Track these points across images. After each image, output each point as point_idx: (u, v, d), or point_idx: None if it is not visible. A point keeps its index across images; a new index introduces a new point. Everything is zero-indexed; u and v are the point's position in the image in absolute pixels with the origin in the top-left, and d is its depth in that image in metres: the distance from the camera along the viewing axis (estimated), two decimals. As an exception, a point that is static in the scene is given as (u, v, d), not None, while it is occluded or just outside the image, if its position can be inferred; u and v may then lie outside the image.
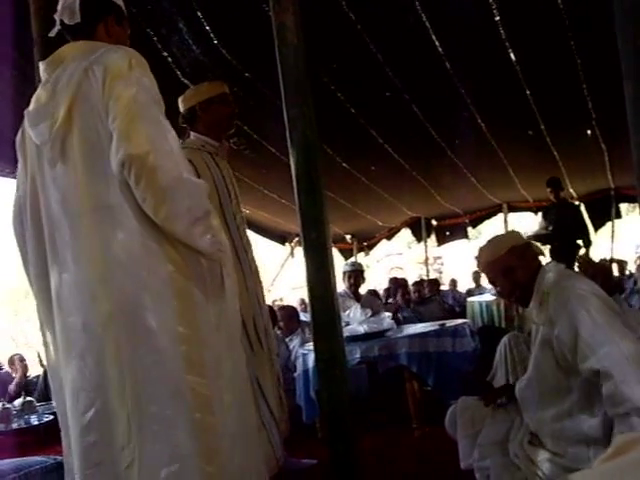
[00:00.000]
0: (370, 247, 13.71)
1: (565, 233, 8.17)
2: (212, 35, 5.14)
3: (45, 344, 2.45)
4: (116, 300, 2.20)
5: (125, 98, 2.19)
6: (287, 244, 12.84)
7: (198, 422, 2.15)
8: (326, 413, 2.82)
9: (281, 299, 14.39)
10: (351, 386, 2.86)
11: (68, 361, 2.28)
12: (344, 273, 6.76)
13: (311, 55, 2.65)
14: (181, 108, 3.70)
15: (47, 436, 5.83)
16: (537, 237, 8.00)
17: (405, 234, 13.59)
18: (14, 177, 2.60)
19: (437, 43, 5.50)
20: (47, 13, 3.57)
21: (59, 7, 2.52)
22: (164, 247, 2.21)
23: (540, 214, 8.82)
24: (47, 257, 2.35)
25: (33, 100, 2.46)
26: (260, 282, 3.69)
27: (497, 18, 5.18)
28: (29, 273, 2.49)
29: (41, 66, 2.49)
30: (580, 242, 8.40)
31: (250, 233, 3.99)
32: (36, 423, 6.16)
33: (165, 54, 5.24)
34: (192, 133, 3.68)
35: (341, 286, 6.16)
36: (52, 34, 2.55)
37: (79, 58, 2.35)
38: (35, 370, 8.37)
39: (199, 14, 4.92)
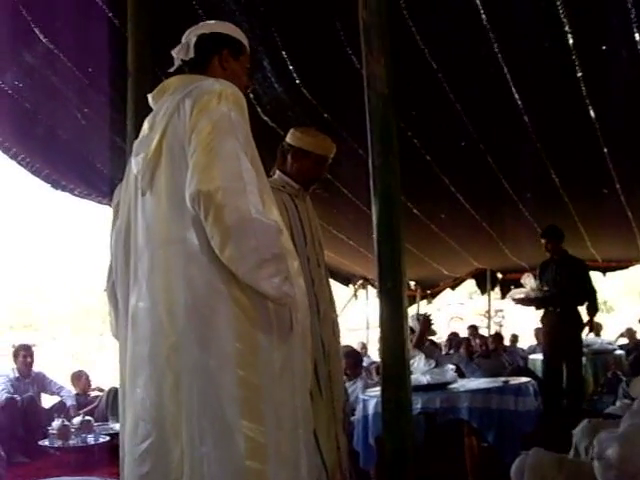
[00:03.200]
0: (433, 295, 13.59)
1: (564, 296, 6.88)
2: (295, 75, 5.23)
3: (121, 364, 2.46)
4: (180, 335, 2.19)
5: (205, 132, 2.20)
6: (351, 285, 12.82)
7: (248, 469, 2.11)
8: (388, 463, 2.80)
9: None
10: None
11: (133, 388, 2.30)
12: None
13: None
14: (287, 138, 3.65)
15: (101, 456, 5.89)
16: (527, 300, 7.17)
17: (469, 284, 13.45)
18: (102, 202, 2.66)
19: (517, 96, 5.49)
20: (145, 47, 3.70)
21: (180, 44, 2.60)
22: (231, 287, 2.18)
23: (527, 275, 7.40)
24: (130, 286, 2.38)
25: (141, 130, 2.50)
26: (329, 327, 3.54)
27: (579, 74, 5.15)
28: (117, 299, 2.52)
29: (149, 97, 2.55)
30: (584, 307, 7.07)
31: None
32: (92, 443, 6.24)
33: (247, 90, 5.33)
34: (277, 171, 3.65)
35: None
36: (171, 70, 2.61)
37: (178, 90, 2.39)
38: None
39: (284, 53, 5.01)
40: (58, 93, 5.46)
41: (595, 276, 11.71)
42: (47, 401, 8.02)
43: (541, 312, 7.26)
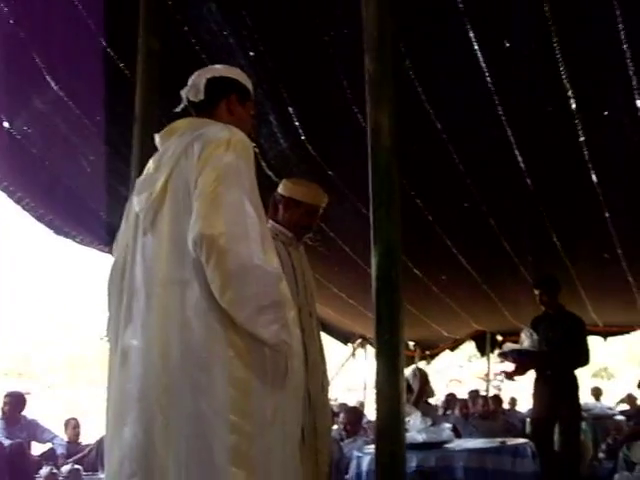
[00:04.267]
0: (432, 356, 13.50)
1: (558, 356, 6.11)
2: (300, 131, 5.28)
3: (108, 401, 2.44)
4: (173, 377, 2.19)
5: (212, 176, 2.22)
6: (350, 344, 12.75)
7: None
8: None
9: (336, 399, 14.23)
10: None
11: (120, 427, 2.27)
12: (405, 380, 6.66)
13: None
14: (279, 188, 3.68)
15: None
16: (513, 355, 6.31)
17: (468, 346, 13.38)
18: (104, 251, 2.67)
19: (520, 158, 5.54)
20: (152, 94, 3.76)
21: (188, 84, 2.63)
22: (228, 331, 2.18)
23: (526, 329, 6.46)
24: (121, 322, 2.38)
25: (145, 169, 2.54)
26: (318, 378, 3.49)
27: (582, 139, 5.20)
28: (109, 335, 2.49)
29: (156, 137, 2.57)
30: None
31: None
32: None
33: (253, 144, 5.37)
34: (270, 221, 3.63)
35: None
36: (177, 109, 2.65)
37: (187, 133, 2.41)
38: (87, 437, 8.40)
39: (290, 110, 5.07)
40: (65, 140, 5.52)
41: (596, 341, 11.67)
42: (38, 449, 7.93)
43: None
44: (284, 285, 2.30)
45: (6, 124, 5.28)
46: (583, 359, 6.24)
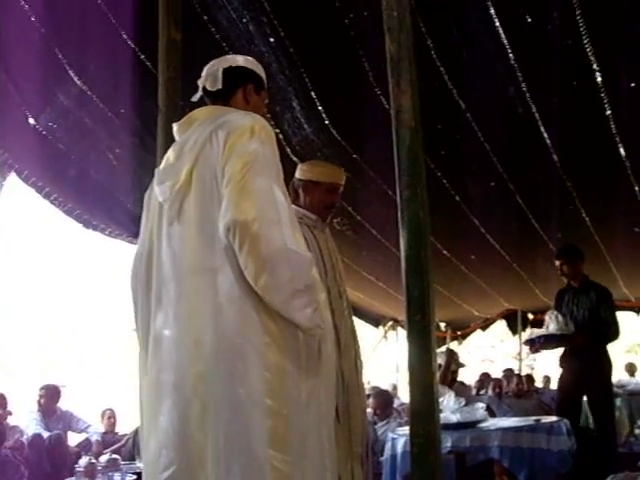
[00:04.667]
0: (464, 337, 13.49)
1: (584, 333, 5.74)
2: (324, 115, 5.27)
3: (141, 392, 2.46)
4: (208, 364, 2.20)
5: (240, 164, 2.23)
6: (381, 327, 12.76)
7: None
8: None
9: (369, 382, 14.26)
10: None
11: (156, 416, 2.30)
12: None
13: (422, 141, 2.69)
14: (296, 173, 3.72)
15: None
16: (539, 342, 5.94)
17: (499, 325, 13.32)
18: (133, 242, 2.68)
19: (545, 135, 5.49)
20: (175, 84, 3.77)
21: (203, 74, 2.66)
22: (262, 316, 2.19)
23: (550, 312, 6.01)
24: (151, 312, 2.39)
25: (164, 159, 2.56)
26: (351, 359, 3.53)
27: (608, 112, 5.14)
28: (137, 326, 2.52)
29: (174, 127, 2.59)
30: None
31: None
32: (118, 481, 6.22)
33: (277, 130, 5.38)
34: (293, 206, 3.68)
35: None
36: (194, 99, 2.67)
37: (208, 122, 2.42)
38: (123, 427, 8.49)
39: (313, 94, 5.06)
40: (91, 134, 5.55)
41: (628, 316, 11.55)
42: (74, 439, 8.05)
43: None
44: (315, 269, 2.33)
45: (32, 121, 5.32)
46: (613, 333, 5.85)
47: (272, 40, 4.55)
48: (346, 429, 3.40)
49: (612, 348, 6.02)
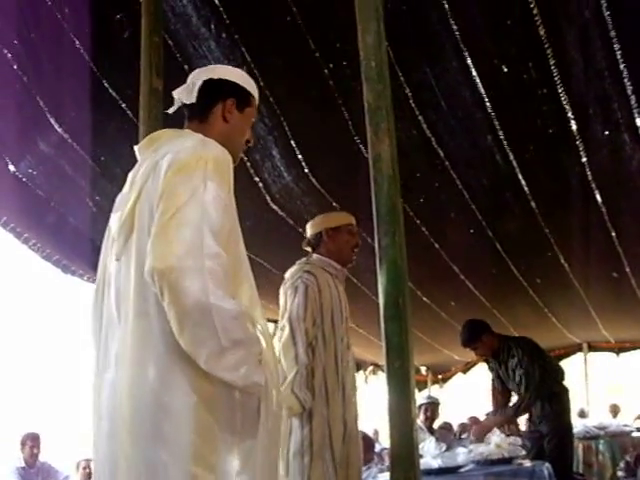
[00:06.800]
0: (445, 380, 13.46)
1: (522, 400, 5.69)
2: (304, 164, 5.30)
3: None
4: (134, 419, 1.99)
5: (169, 204, 2.00)
6: (361, 372, 12.71)
7: None
8: None
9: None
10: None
11: (97, 464, 2.17)
12: (420, 406, 6.63)
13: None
14: (308, 232, 3.86)
15: None
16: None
17: (481, 368, 13.30)
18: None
19: (523, 182, 5.55)
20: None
21: (185, 84, 2.44)
22: (191, 372, 1.97)
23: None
24: (100, 350, 2.21)
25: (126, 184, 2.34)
26: (353, 410, 3.77)
27: (584, 159, 5.22)
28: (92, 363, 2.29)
29: (135, 149, 2.39)
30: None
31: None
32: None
33: (257, 179, 5.41)
34: (315, 255, 3.89)
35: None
36: (170, 111, 2.48)
37: (162, 148, 2.20)
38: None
39: (292, 143, 5.10)
40: (71, 181, 5.55)
41: (609, 357, 11.55)
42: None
43: None
44: (249, 323, 2.08)
45: (12, 167, 5.31)
46: (549, 378, 5.75)
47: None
48: (344, 477, 3.46)
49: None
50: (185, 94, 2.39)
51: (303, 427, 3.59)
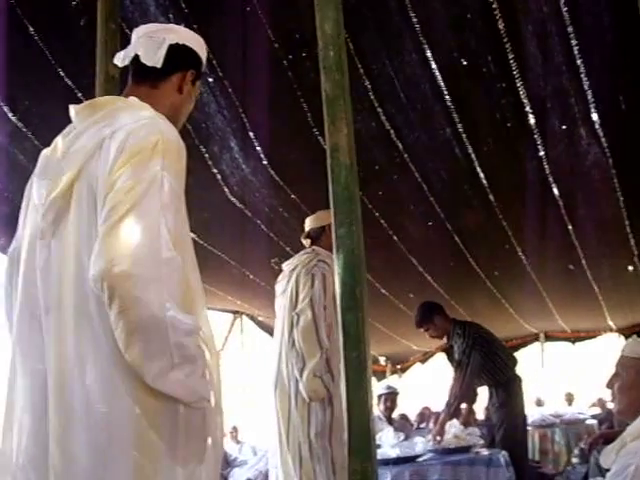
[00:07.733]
0: (403, 370, 13.50)
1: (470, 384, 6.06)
2: (262, 156, 5.28)
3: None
4: (66, 431, 1.79)
5: (124, 196, 1.77)
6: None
7: None
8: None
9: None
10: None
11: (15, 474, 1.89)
12: (379, 396, 6.65)
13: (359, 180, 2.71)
14: (309, 226, 4.02)
15: None
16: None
17: (439, 358, 13.40)
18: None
19: (482, 175, 5.58)
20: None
21: (139, 35, 2.23)
22: (134, 383, 1.78)
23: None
24: (20, 335, 1.97)
25: (53, 142, 2.10)
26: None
27: (541, 153, 5.26)
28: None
29: (71, 110, 2.11)
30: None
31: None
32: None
33: (215, 171, 5.37)
34: (315, 247, 4.25)
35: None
36: (120, 64, 2.26)
37: (107, 118, 1.97)
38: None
39: (251, 135, 5.07)
40: (25, 171, 5.45)
41: (565, 346, 11.71)
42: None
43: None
44: (199, 337, 1.89)
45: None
46: (501, 365, 6.08)
47: (210, 80, 4.55)
48: None
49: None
50: (148, 55, 2.16)
51: (325, 409, 3.87)
